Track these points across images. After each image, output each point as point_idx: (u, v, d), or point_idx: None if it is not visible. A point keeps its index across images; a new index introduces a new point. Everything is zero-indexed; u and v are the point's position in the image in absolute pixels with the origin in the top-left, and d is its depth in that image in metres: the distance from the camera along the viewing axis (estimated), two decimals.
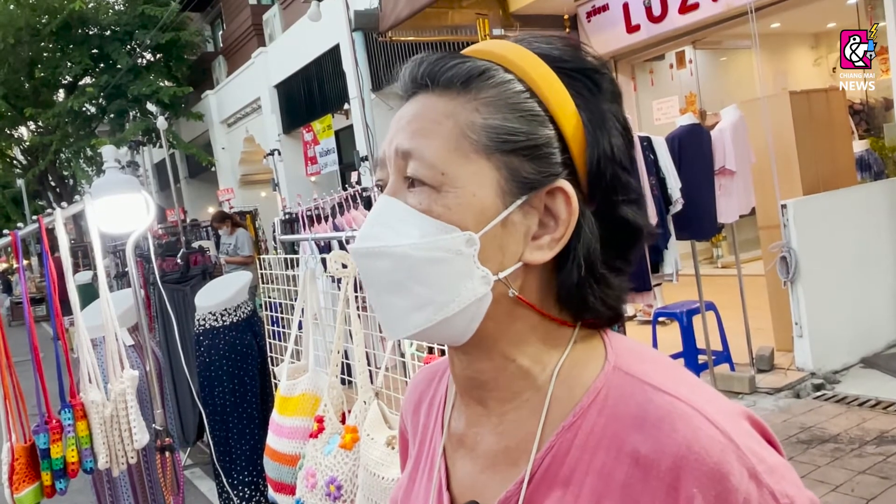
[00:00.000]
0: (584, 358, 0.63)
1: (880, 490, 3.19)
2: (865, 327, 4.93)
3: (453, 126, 0.61)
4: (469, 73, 0.62)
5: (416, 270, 0.60)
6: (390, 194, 0.63)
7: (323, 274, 2.56)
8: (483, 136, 0.60)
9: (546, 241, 0.61)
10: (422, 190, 0.61)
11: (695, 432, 0.55)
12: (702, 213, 4.42)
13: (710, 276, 6.90)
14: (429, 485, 0.71)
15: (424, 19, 6.52)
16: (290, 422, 2.29)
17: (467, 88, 0.61)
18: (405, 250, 0.60)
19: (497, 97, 0.61)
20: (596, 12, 7.08)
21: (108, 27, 15.00)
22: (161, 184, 18.09)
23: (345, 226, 4.48)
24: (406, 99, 0.66)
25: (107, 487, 2.92)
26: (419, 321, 0.61)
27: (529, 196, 0.61)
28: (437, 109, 0.62)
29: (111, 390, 2.45)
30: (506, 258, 0.61)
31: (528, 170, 0.60)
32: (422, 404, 0.78)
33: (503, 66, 0.62)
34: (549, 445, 0.61)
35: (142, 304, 2.82)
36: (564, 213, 0.61)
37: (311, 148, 10.95)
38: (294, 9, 12.01)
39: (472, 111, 0.61)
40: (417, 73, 0.64)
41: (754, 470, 0.54)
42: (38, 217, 2.48)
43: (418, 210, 0.60)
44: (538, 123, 0.61)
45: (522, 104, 0.61)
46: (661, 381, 0.60)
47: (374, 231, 0.62)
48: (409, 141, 0.62)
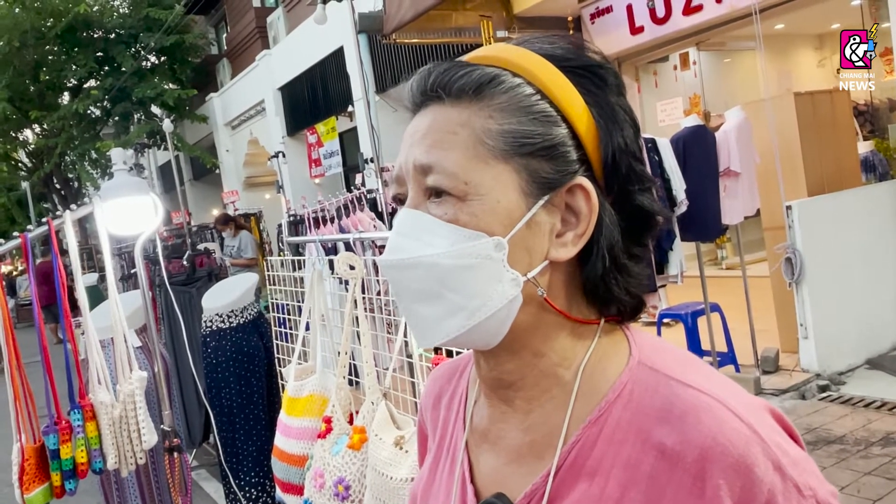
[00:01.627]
0: (609, 353, 0.65)
1: (886, 491, 3.19)
2: (871, 328, 4.93)
3: (470, 134, 0.61)
4: (480, 81, 0.62)
5: (448, 278, 0.60)
6: (412, 207, 0.64)
7: (330, 275, 2.57)
8: (500, 142, 0.61)
9: (570, 237, 0.62)
10: (446, 200, 0.61)
11: (720, 425, 0.56)
12: (706, 214, 4.42)
13: (714, 278, 6.90)
14: (450, 478, 0.72)
15: (428, 21, 6.53)
16: (298, 422, 2.31)
17: (479, 96, 0.62)
18: (435, 259, 0.60)
19: (509, 102, 0.62)
20: (600, 14, 7.09)
21: (112, 30, 15.02)
22: (166, 186, 18.13)
23: (350, 228, 4.48)
24: (416, 111, 0.66)
25: (114, 488, 2.93)
26: (452, 327, 0.61)
27: (551, 195, 0.62)
28: (451, 120, 0.62)
29: (120, 391, 2.47)
30: (533, 258, 0.62)
31: (546, 170, 0.62)
32: (441, 399, 0.80)
33: (511, 70, 0.63)
34: (576, 439, 0.62)
35: (149, 306, 2.84)
36: (585, 209, 0.62)
37: (315, 150, 10.96)
38: (298, 11, 12.04)
39: (487, 118, 0.62)
40: (427, 85, 0.64)
41: (779, 462, 0.56)
42: (48, 219, 2.50)
43: (445, 220, 0.61)
44: (552, 124, 0.62)
45: (534, 106, 0.62)
46: (685, 375, 0.61)
47: (402, 243, 0.63)
48: (427, 154, 0.62)
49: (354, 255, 2.16)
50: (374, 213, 4.77)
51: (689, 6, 6.28)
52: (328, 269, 2.57)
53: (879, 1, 7.44)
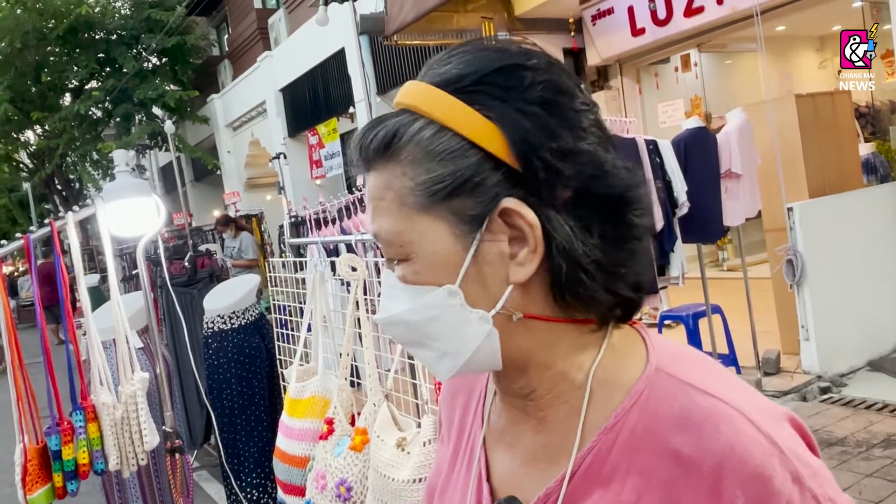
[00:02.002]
0: (626, 358, 0.64)
1: (888, 493, 3.19)
2: (872, 330, 4.93)
3: (393, 198, 0.63)
4: (385, 140, 0.62)
5: (422, 330, 0.64)
6: (387, 267, 0.68)
7: (332, 277, 2.57)
8: (417, 196, 0.61)
9: (524, 255, 0.61)
10: (400, 264, 0.64)
11: (738, 434, 0.56)
12: (708, 216, 4.42)
13: (715, 279, 6.90)
14: (468, 475, 0.73)
15: (429, 23, 6.53)
16: (299, 424, 2.31)
17: (390, 154, 0.62)
18: (405, 316, 0.64)
19: (414, 152, 0.61)
20: (601, 16, 7.09)
21: (114, 31, 15.04)
22: (167, 187, 18.14)
23: (352, 229, 4.48)
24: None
25: (116, 489, 2.94)
26: (447, 368, 0.65)
27: (482, 228, 0.60)
28: (378, 186, 0.64)
29: (122, 392, 2.47)
30: (494, 289, 0.62)
31: (469, 206, 0.60)
32: (457, 396, 0.81)
33: (413, 111, 0.62)
34: (591, 445, 0.62)
35: (151, 307, 2.84)
36: (525, 226, 0.60)
37: (316, 151, 10.98)
38: (299, 13, 12.06)
39: (401, 176, 0.62)
40: (358, 153, 0.65)
41: (797, 473, 0.55)
42: (50, 220, 2.50)
43: (401, 281, 0.64)
44: (458, 157, 0.60)
45: (437, 147, 0.60)
46: (703, 382, 0.60)
47: (385, 302, 0.66)
48: (372, 224, 0.66)
49: (356, 256, 2.16)
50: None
51: (691, 8, 6.28)
52: (330, 270, 2.57)
53: (881, 3, 7.44)
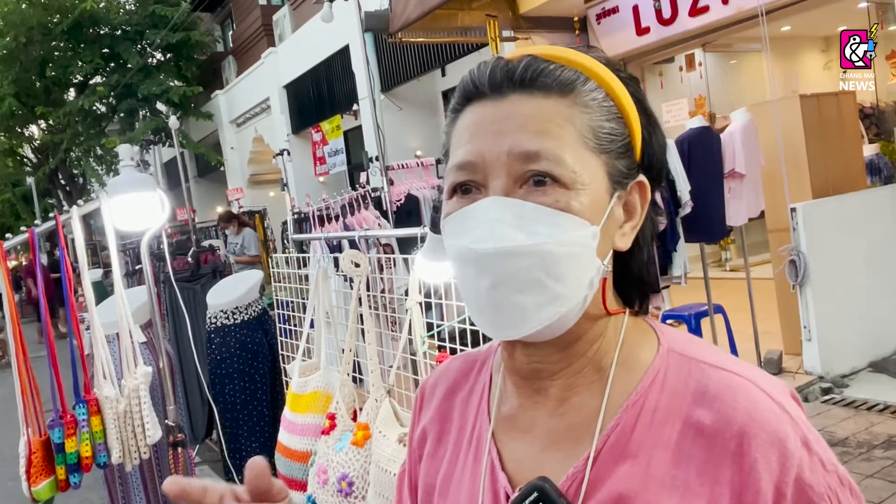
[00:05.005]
0: (640, 341, 0.69)
1: (888, 494, 3.19)
2: (874, 331, 4.92)
3: (573, 128, 0.64)
4: (571, 79, 0.65)
5: (554, 266, 0.61)
6: (503, 195, 0.62)
7: (335, 273, 2.58)
8: (594, 138, 0.65)
9: (628, 228, 0.68)
10: (552, 188, 0.62)
11: (754, 403, 0.61)
12: (711, 215, 4.42)
13: (718, 279, 6.89)
14: (476, 466, 0.73)
15: (434, 21, 6.53)
16: (301, 419, 2.32)
17: (569, 93, 0.65)
18: (549, 247, 0.61)
19: (594, 102, 0.66)
20: (606, 14, 7.08)
21: (118, 27, 15.06)
22: (171, 183, 18.15)
23: (355, 225, 4.50)
24: (488, 98, 0.65)
25: (118, 483, 2.95)
26: (547, 315, 0.62)
27: (624, 191, 0.67)
28: (553, 111, 0.64)
29: (125, 386, 2.48)
30: (605, 248, 0.66)
31: (622, 167, 0.67)
32: (456, 392, 0.81)
33: (584, 73, 0.66)
34: (615, 423, 0.65)
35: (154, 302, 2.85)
36: (640, 204, 0.68)
37: (319, 148, 10.99)
38: (304, 9, 12.06)
39: (582, 114, 0.65)
40: (517, 74, 0.64)
41: (806, 438, 0.61)
42: (55, 214, 2.51)
43: (556, 208, 0.61)
44: (624, 125, 0.67)
45: (612, 108, 0.67)
46: (714, 359, 0.66)
47: (503, 231, 0.61)
48: (535, 142, 0.62)
49: (359, 252, 2.17)
50: (378, 211, 4.78)
51: (696, 7, 6.27)
52: (333, 266, 2.58)
53: (886, 3, 7.42)
